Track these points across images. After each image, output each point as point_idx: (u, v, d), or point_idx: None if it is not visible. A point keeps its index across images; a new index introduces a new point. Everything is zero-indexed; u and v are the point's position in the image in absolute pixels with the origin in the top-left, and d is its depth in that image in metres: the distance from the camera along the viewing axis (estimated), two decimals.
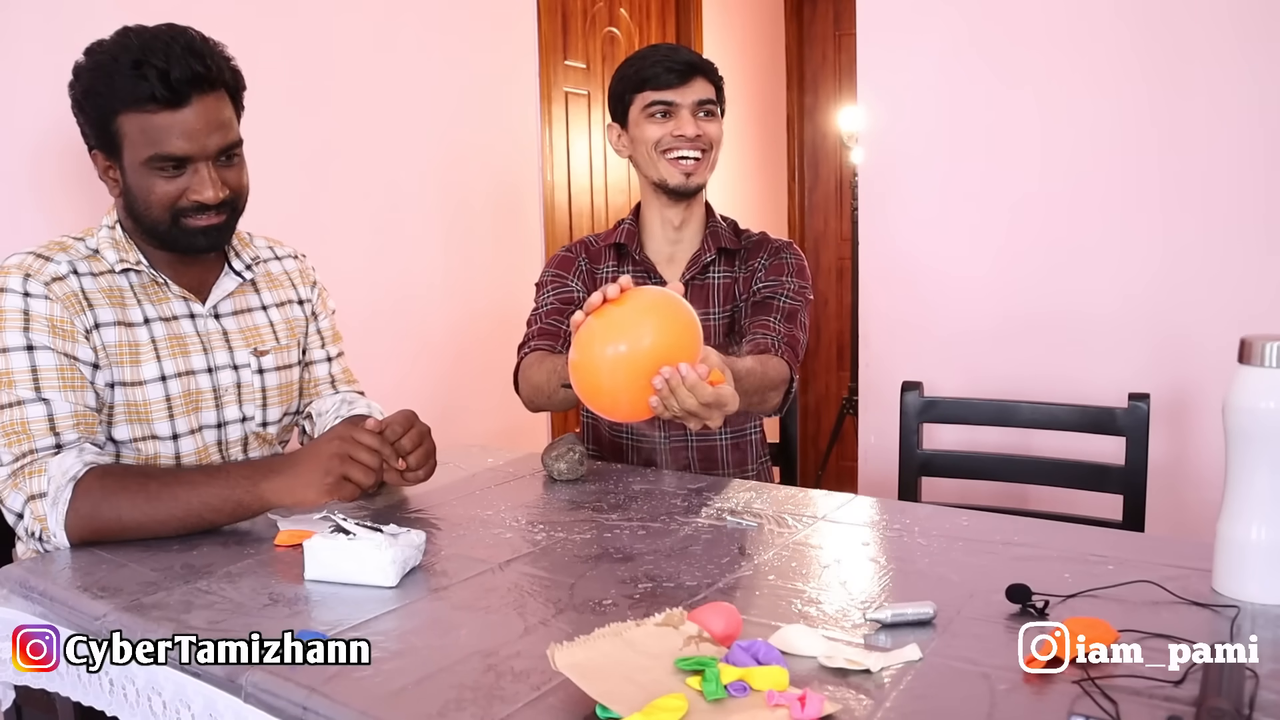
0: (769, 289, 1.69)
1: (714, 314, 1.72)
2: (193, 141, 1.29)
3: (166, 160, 1.29)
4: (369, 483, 1.23)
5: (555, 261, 1.77)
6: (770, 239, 1.77)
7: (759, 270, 1.71)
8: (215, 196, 1.32)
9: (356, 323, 2.15)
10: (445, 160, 2.50)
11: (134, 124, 1.28)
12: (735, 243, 1.74)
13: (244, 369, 1.46)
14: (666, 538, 1.21)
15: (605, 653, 0.81)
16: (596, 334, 1.16)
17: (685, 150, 1.64)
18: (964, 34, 2.12)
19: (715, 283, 1.72)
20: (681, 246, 1.74)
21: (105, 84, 1.27)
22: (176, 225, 1.33)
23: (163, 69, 1.25)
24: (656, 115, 1.65)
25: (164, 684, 0.96)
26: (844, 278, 4.24)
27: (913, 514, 1.29)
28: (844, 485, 3.28)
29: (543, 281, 1.76)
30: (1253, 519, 0.96)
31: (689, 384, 1.14)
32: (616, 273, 1.72)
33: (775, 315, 1.65)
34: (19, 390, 1.25)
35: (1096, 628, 0.84)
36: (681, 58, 1.66)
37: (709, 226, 1.74)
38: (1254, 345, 0.94)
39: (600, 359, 1.15)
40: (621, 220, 1.78)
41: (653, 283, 1.69)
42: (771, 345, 1.60)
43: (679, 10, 3.54)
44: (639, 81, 1.65)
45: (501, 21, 2.69)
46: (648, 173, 1.69)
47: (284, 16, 2.08)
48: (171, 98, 1.27)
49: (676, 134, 1.64)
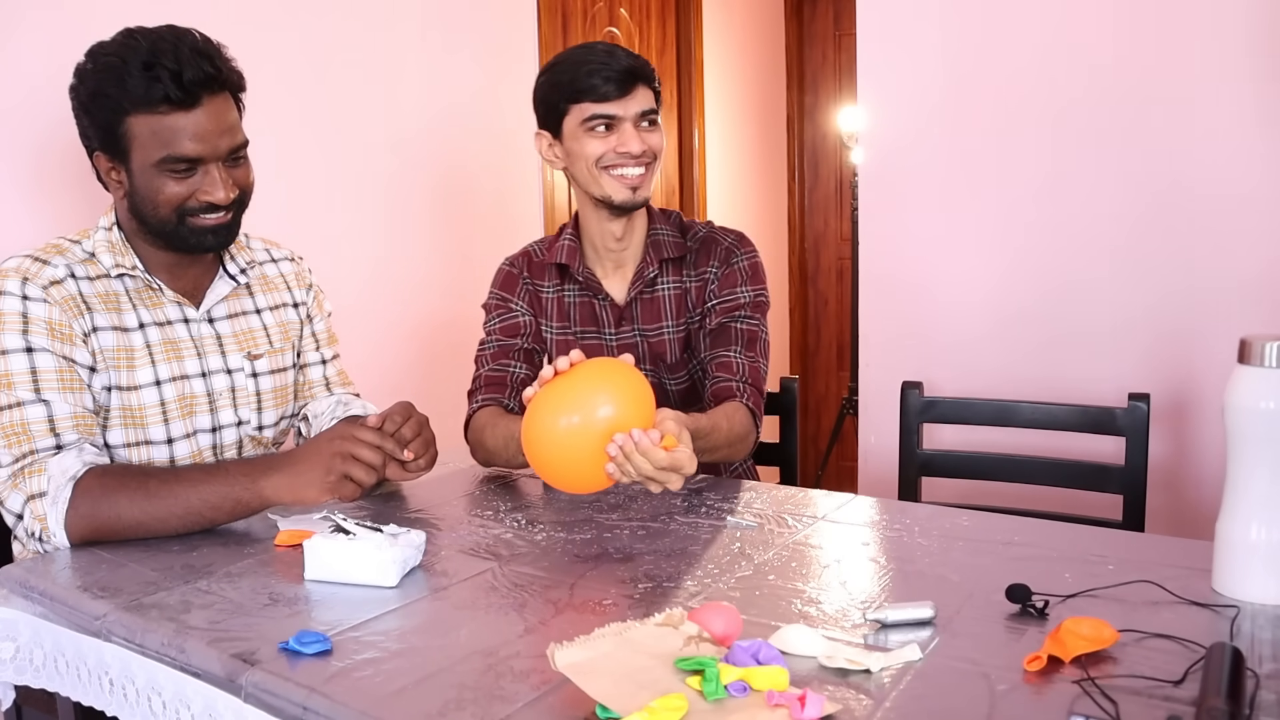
0: (725, 307, 1.61)
1: (668, 328, 1.64)
2: (204, 143, 1.30)
3: (179, 162, 1.29)
4: (370, 481, 1.23)
5: (499, 280, 1.69)
6: (718, 236, 1.67)
7: (711, 280, 1.63)
8: (226, 197, 1.33)
9: (354, 324, 2.15)
10: (445, 160, 2.50)
11: (145, 125, 1.28)
12: (681, 247, 1.64)
13: (238, 373, 1.45)
14: (666, 538, 1.21)
15: (605, 653, 0.81)
16: (548, 407, 1.17)
17: (629, 166, 1.54)
18: (964, 34, 2.12)
19: (665, 294, 1.64)
20: (626, 257, 1.65)
21: (115, 86, 1.26)
22: (183, 224, 1.33)
23: (175, 70, 1.26)
24: (598, 129, 1.53)
25: (164, 684, 0.96)
26: (844, 278, 4.25)
27: (913, 514, 1.29)
28: (844, 485, 3.28)
29: (489, 305, 1.68)
30: (1252, 519, 0.96)
31: (642, 449, 1.15)
32: (560, 292, 1.66)
33: (736, 346, 1.59)
34: (19, 391, 1.25)
35: (1096, 628, 0.84)
36: (620, 64, 1.52)
37: (650, 235, 1.64)
38: (1254, 345, 0.94)
39: (554, 431, 1.16)
40: (563, 229, 1.68)
41: (598, 302, 1.64)
42: (736, 390, 1.55)
43: (679, 10, 3.55)
44: (575, 91, 1.53)
45: (501, 21, 2.69)
46: (588, 189, 1.57)
47: (284, 17, 2.08)
48: (184, 99, 1.27)
49: (621, 150, 1.53)
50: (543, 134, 1.61)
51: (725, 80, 3.79)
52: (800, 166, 4.33)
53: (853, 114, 3.52)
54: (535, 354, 1.67)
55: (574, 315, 1.66)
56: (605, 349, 1.65)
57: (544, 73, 1.61)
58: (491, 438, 1.53)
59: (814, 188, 4.34)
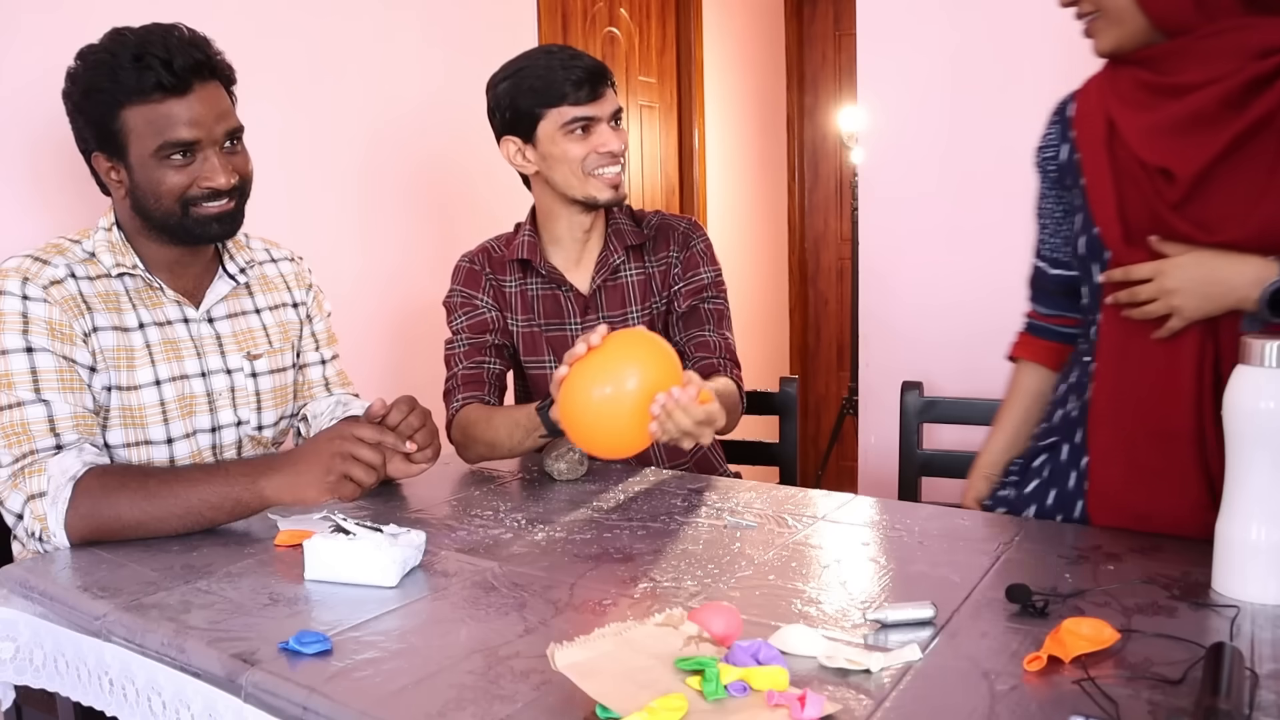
0: (691, 289, 1.70)
1: (633, 313, 1.70)
2: (200, 127, 1.31)
3: (175, 147, 1.30)
4: (370, 481, 1.23)
5: (461, 278, 1.71)
6: (671, 223, 1.74)
7: (674, 265, 1.71)
8: (227, 182, 1.33)
9: (352, 324, 2.15)
10: (445, 159, 2.50)
11: (139, 116, 1.28)
12: (639, 235, 1.71)
13: (237, 373, 1.45)
14: (666, 538, 1.21)
15: (605, 653, 0.81)
16: (583, 382, 1.27)
17: (609, 165, 1.61)
18: (964, 34, 2.12)
19: (629, 281, 1.70)
20: (588, 249, 1.71)
21: (108, 79, 1.27)
22: (187, 215, 1.34)
23: (165, 58, 1.27)
24: (576, 131, 1.58)
25: (164, 684, 0.96)
26: (844, 278, 4.25)
27: (913, 514, 1.29)
28: (844, 485, 3.28)
29: (452, 304, 1.70)
30: (1252, 519, 0.96)
31: (682, 405, 1.25)
32: (523, 285, 1.70)
33: (709, 326, 1.69)
34: (19, 391, 1.25)
35: (1096, 628, 0.84)
36: (586, 65, 1.58)
37: (611, 225, 1.71)
38: (1254, 345, 0.94)
39: (590, 403, 1.26)
40: (519, 228, 1.73)
41: (562, 293, 1.69)
42: (718, 365, 1.65)
43: (679, 10, 3.55)
44: (551, 96, 1.57)
45: (501, 21, 2.69)
46: (568, 190, 1.62)
47: (282, 17, 2.08)
48: (176, 84, 1.28)
49: (602, 150, 1.59)
50: (511, 139, 1.65)
51: (725, 80, 3.79)
52: (800, 166, 4.33)
53: (853, 114, 3.52)
54: (505, 349, 1.71)
55: (538, 307, 1.70)
56: (571, 338, 1.68)
57: (505, 79, 1.62)
58: (490, 429, 1.55)
59: (814, 188, 4.34)
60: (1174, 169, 1.08)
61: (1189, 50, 1.08)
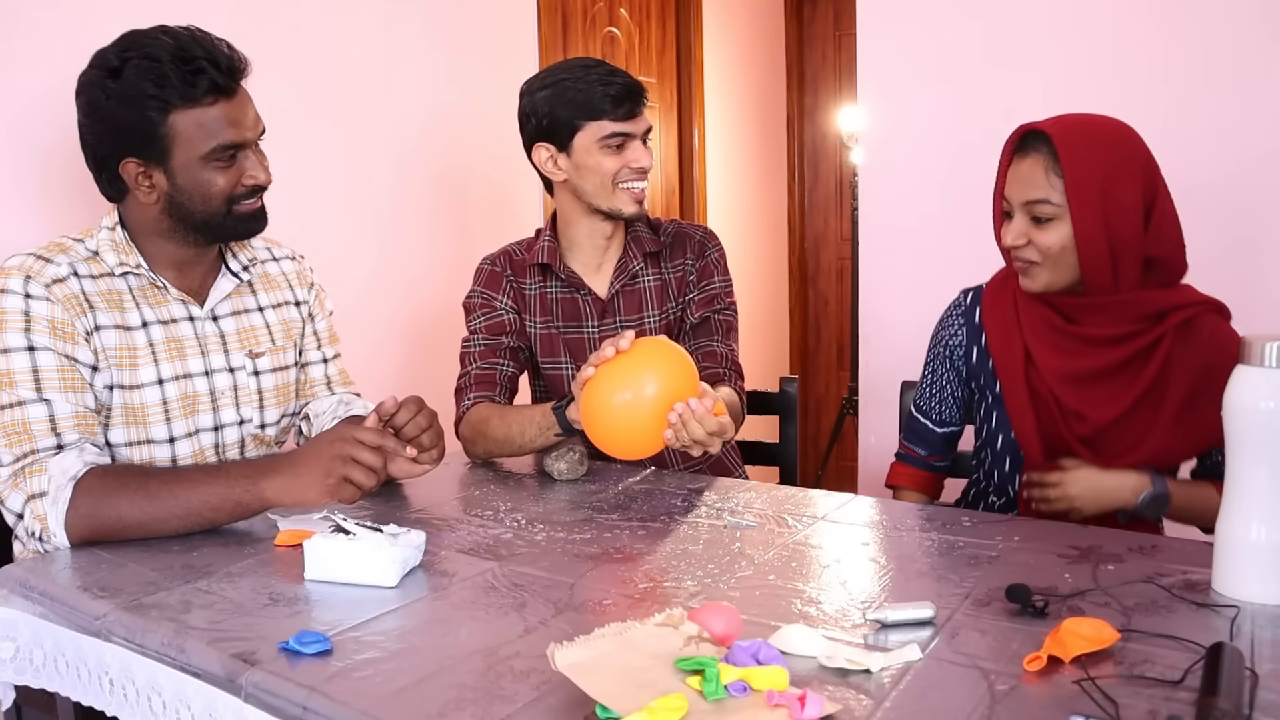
0: (704, 298, 1.74)
1: (650, 318, 1.73)
2: (244, 129, 1.33)
3: (226, 150, 1.31)
4: (370, 484, 1.23)
5: (483, 279, 1.74)
6: (687, 231, 1.78)
7: (690, 273, 1.75)
8: (269, 177, 1.37)
9: (354, 323, 2.15)
10: (445, 159, 2.50)
11: (189, 120, 1.29)
12: (657, 243, 1.75)
13: (240, 371, 1.46)
14: (666, 538, 1.21)
15: (605, 653, 0.81)
16: (605, 387, 1.32)
17: (637, 181, 1.66)
18: (964, 33, 2.12)
19: (646, 286, 1.74)
20: (608, 255, 1.74)
21: (154, 84, 1.26)
22: (231, 214, 1.36)
23: (212, 61, 1.28)
24: (612, 147, 1.63)
25: (164, 684, 0.96)
26: (844, 278, 4.25)
27: (913, 514, 1.29)
28: (844, 485, 3.28)
29: (471, 305, 1.73)
30: (1252, 519, 0.96)
31: (698, 416, 1.30)
32: (542, 288, 1.73)
33: (717, 336, 1.73)
34: (20, 391, 1.25)
35: (1096, 628, 0.84)
36: (624, 82, 1.63)
37: (630, 232, 1.75)
38: (1254, 345, 0.94)
39: (610, 407, 1.31)
40: (539, 233, 1.76)
41: (581, 297, 1.72)
42: (724, 376, 1.69)
43: (679, 10, 3.55)
44: (591, 110, 1.61)
45: (501, 21, 2.69)
46: (595, 200, 1.66)
47: (284, 17, 2.08)
48: (227, 87, 1.30)
49: (635, 166, 1.64)
50: (545, 146, 1.67)
51: (725, 80, 3.79)
52: (800, 166, 4.33)
53: (853, 114, 3.52)
54: (520, 351, 1.73)
55: (557, 310, 1.73)
56: (588, 341, 1.72)
57: (544, 88, 1.65)
58: (503, 425, 1.57)
59: (814, 188, 4.34)
60: (1088, 415, 1.35)
61: (1099, 307, 1.34)
